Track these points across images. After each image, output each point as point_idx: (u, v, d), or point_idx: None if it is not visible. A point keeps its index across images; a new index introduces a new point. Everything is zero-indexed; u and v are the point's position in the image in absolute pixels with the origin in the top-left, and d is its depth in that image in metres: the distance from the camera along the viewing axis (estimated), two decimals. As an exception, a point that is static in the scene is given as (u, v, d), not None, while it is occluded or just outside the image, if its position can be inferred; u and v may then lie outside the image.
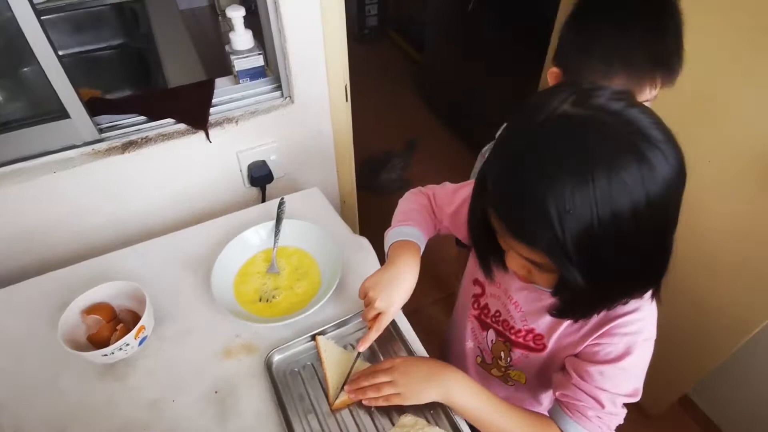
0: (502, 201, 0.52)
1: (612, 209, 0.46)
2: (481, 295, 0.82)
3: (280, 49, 1.12)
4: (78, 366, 0.84)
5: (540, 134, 0.49)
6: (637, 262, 0.52)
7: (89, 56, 1.61)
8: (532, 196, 0.48)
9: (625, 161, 0.46)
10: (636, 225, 0.48)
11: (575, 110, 0.49)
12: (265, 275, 0.96)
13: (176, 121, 1.11)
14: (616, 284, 0.54)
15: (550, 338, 0.72)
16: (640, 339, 0.65)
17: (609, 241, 0.48)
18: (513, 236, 0.52)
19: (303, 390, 0.81)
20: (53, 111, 0.99)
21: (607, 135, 0.47)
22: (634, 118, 0.48)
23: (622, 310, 0.64)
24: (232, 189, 1.26)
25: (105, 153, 1.05)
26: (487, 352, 0.84)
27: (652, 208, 0.48)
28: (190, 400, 0.80)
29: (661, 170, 0.47)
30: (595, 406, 0.65)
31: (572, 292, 0.56)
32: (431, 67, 2.87)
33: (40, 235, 1.07)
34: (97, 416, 0.78)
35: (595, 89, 0.50)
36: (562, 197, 0.46)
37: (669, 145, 0.49)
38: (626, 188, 0.46)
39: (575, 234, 0.47)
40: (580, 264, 0.49)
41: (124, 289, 0.88)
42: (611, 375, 0.65)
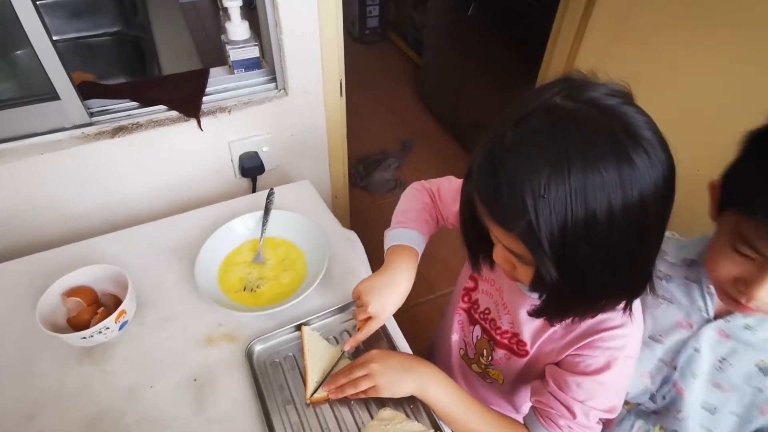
0: (483, 185, 0.52)
1: (586, 203, 0.46)
2: (473, 290, 0.82)
3: (276, 40, 1.12)
4: (56, 349, 0.83)
5: (525, 123, 0.49)
6: (610, 265, 0.51)
7: (85, 42, 1.60)
8: (510, 180, 0.48)
9: (604, 157, 0.45)
10: (610, 224, 0.47)
11: (564, 102, 0.48)
12: (251, 265, 0.96)
13: (168, 108, 1.11)
14: (587, 286, 0.53)
15: (533, 345, 0.72)
16: (621, 355, 0.64)
17: (582, 237, 0.47)
18: (492, 220, 0.52)
19: (283, 381, 0.80)
20: (43, 92, 0.98)
21: (591, 128, 0.47)
22: (625, 114, 0.47)
23: (607, 324, 0.64)
24: (223, 179, 1.26)
25: (94, 137, 1.04)
26: (471, 346, 0.83)
27: (629, 210, 0.47)
28: (169, 387, 0.79)
29: (643, 173, 0.46)
30: (567, 416, 0.65)
31: (548, 290, 0.55)
32: (430, 70, 2.88)
33: (25, 217, 1.06)
34: (71, 402, 0.77)
35: (592, 84, 0.50)
36: (537, 183, 0.46)
37: (658, 149, 0.47)
38: (602, 184, 0.45)
39: (549, 222, 0.46)
40: (553, 256, 0.48)
41: (107, 273, 0.87)
42: (588, 387, 0.64)
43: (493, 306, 0.77)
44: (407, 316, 1.96)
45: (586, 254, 0.49)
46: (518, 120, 0.50)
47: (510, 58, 2.14)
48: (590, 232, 0.47)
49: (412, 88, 3.15)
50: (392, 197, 2.44)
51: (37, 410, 0.76)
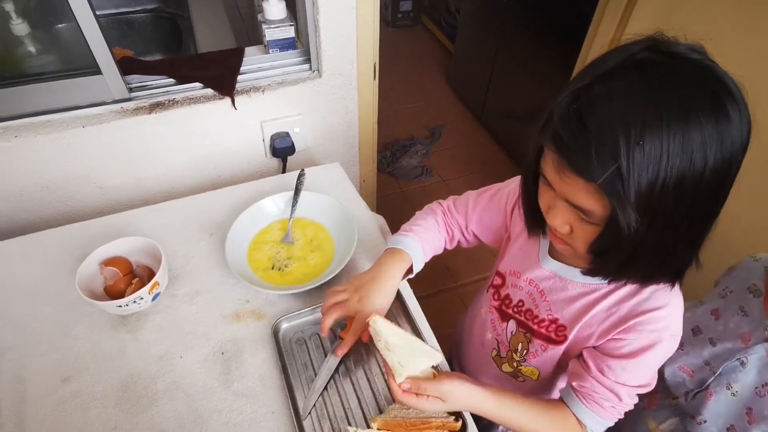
0: (566, 132, 0.49)
1: (683, 155, 0.45)
2: (502, 286, 0.81)
3: (312, 21, 1.11)
4: (92, 316, 0.86)
5: (614, 74, 0.48)
6: (690, 220, 0.50)
7: (124, 18, 1.63)
8: (601, 127, 0.46)
9: (703, 109, 0.45)
10: (701, 178, 0.46)
11: (653, 55, 0.48)
12: (279, 244, 0.97)
13: (203, 86, 1.12)
14: (663, 241, 0.52)
15: (572, 330, 0.70)
16: (666, 335, 0.63)
17: (671, 189, 0.46)
18: (573, 169, 0.49)
19: (307, 359, 0.81)
20: (86, 66, 1.01)
21: (687, 81, 0.46)
22: (714, 68, 0.47)
23: (648, 306, 0.63)
24: (254, 158, 1.27)
25: (133, 112, 1.07)
26: (504, 344, 0.82)
27: (720, 165, 0.46)
28: (198, 358, 0.82)
29: (736, 128, 0.46)
30: (613, 399, 0.65)
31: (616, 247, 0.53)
32: (462, 57, 2.84)
33: (65, 187, 1.10)
34: (105, 366, 0.80)
35: (672, 41, 0.49)
36: (634, 129, 0.45)
37: (743, 103, 0.47)
38: (701, 137, 0.45)
39: (640, 171, 0.45)
40: (636, 205, 0.47)
41: (142, 246, 0.89)
42: (632, 369, 0.64)
43: (526, 297, 0.76)
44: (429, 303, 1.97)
45: (671, 207, 0.48)
46: (605, 73, 0.49)
47: (546, 47, 2.09)
48: (681, 184, 0.46)
49: (443, 74, 3.11)
50: (418, 184, 2.43)
51: (73, 373, 0.79)
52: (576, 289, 0.69)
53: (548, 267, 0.72)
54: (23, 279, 0.92)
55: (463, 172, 2.50)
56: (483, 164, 2.55)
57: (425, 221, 0.85)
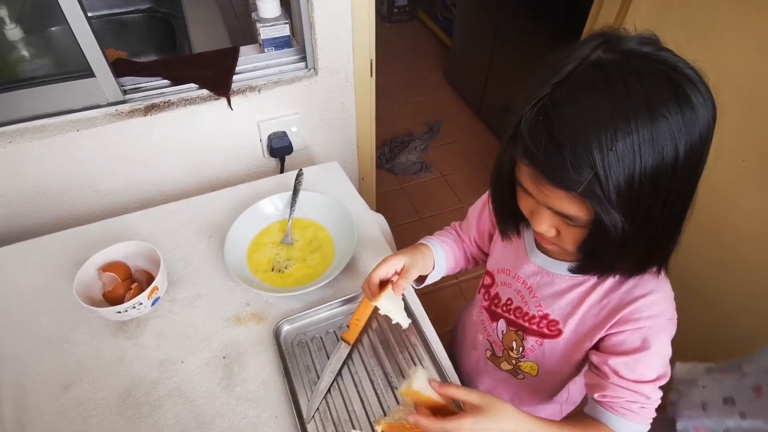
0: (538, 147, 0.49)
1: (654, 150, 0.46)
2: (491, 285, 0.80)
3: (307, 18, 1.10)
4: (91, 322, 0.85)
5: (575, 81, 0.48)
6: (670, 209, 0.51)
7: (117, 19, 1.61)
8: (573, 137, 0.46)
9: (666, 101, 0.46)
10: (675, 168, 0.47)
11: (608, 55, 0.48)
12: (279, 245, 0.96)
13: (199, 87, 1.11)
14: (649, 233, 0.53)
15: (566, 324, 0.70)
16: (663, 320, 0.63)
17: (648, 184, 0.47)
18: (550, 182, 0.50)
19: (310, 362, 0.81)
20: (79, 69, 0.99)
21: (646, 76, 0.47)
22: (667, 59, 0.48)
23: (637, 293, 0.63)
24: (252, 158, 1.26)
25: (128, 114, 1.05)
26: (498, 344, 0.82)
27: (692, 151, 0.48)
28: (199, 363, 0.81)
29: (701, 112, 0.47)
30: (641, 399, 0.63)
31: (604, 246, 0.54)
32: (459, 52, 2.82)
33: (61, 192, 1.09)
34: (106, 373, 0.79)
35: (623, 36, 0.50)
36: (604, 136, 0.45)
37: (704, 85, 0.48)
38: (669, 129, 0.46)
39: (617, 174, 0.46)
40: (619, 205, 0.48)
41: (140, 250, 0.88)
42: (645, 361, 0.62)
43: (515, 294, 0.76)
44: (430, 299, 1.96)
45: (651, 201, 0.49)
46: (564, 77, 0.49)
47: (545, 39, 2.07)
48: (657, 177, 0.47)
49: (441, 69, 3.09)
50: (417, 179, 2.42)
51: (73, 380, 0.79)
52: (564, 283, 0.69)
53: (535, 260, 0.71)
54: (22, 286, 0.91)
55: (463, 167, 2.49)
56: (482, 158, 2.53)
57: (445, 241, 0.86)
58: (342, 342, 0.81)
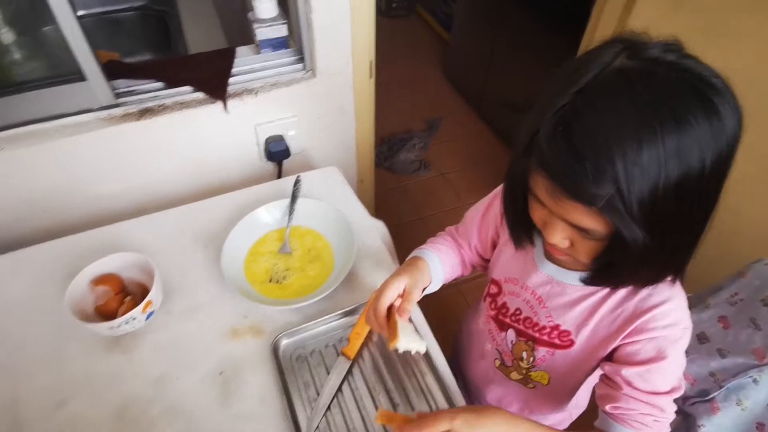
0: (557, 159, 0.47)
1: (680, 161, 0.44)
2: (498, 294, 0.78)
3: (305, 18, 1.07)
4: (85, 336, 0.83)
5: (597, 89, 0.46)
6: (693, 220, 0.50)
7: (111, 17, 1.57)
8: (595, 149, 0.44)
9: (694, 111, 0.44)
10: (700, 179, 0.46)
11: (631, 63, 0.46)
12: (277, 255, 0.94)
13: (194, 90, 1.08)
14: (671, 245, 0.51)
15: (578, 334, 0.68)
16: (679, 329, 0.61)
17: (673, 196, 0.45)
18: (569, 196, 0.48)
19: (309, 377, 0.79)
20: (70, 73, 0.96)
21: (671, 84, 0.45)
22: (692, 68, 0.46)
23: (652, 302, 0.61)
24: (249, 163, 1.23)
25: (121, 119, 1.02)
26: (507, 353, 0.80)
27: (719, 161, 0.46)
28: (195, 380, 0.79)
29: (728, 122, 0.45)
30: (655, 412, 0.61)
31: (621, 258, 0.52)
32: (458, 47, 2.78)
33: (53, 199, 1.06)
34: (100, 390, 0.77)
35: (646, 42, 0.48)
36: (629, 148, 0.43)
37: (730, 94, 0.46)
38: (697, 140, 0.44)
39: (641, 185, 0.44)
40: (642, 219, 0.46)
41: (134, 261, 0.86)
42: (660, 371, 0.60)
43: (523, 304, 0.74)
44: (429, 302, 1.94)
45: (674, 213, 0.47)
46: (584, 86, 0.47)
47: (546, 35, 2.04)
48: (681, 189, 0.45)
49: (440, 65, 3.05)
50: (416, 178, 2.39)
51: (66, 397, 0.76)
52: (575, 293, 0.67)
53: (545, 270, 0.69)
54: (12, 298, 0.89)
55: (462, 165, 2.46)
56: (482, 157, 2.51)
57: (440, 248, 0.83)
58: (342, 357, 0.79)
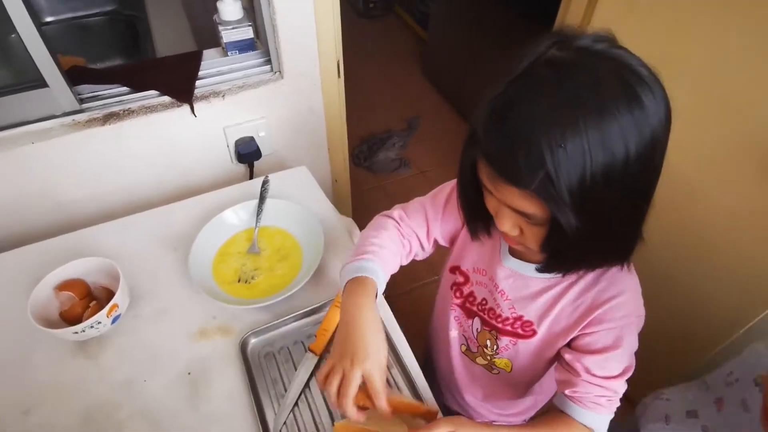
0: (493, 145, 0.50)
1: (604, 148, 0.46)
2: (465, 284, 0.80)
3: (269, 20, 1.07)
4: (50, 343, 0.82)
5: (528, 78, 0.49)
6: (626, 206, 0.52)
7: (79, 23, 1.56)
8: (524, 136, 0.47)
9: (616, 100, 0.46)
10: (626, 166, 0.47)
11: (561, 54, 0.49)
12: (246, 255, 0.94)
13: (160, 94, 1.08)
14: (607, 230, 0.53)
15: (540, 324, 0.71)
16: (633, 318, 0.65)
17: (600, 182, 0.47)
18: (505, 180, 0.50)
19: (277, 374, 0.79)
20: (32, 79, 0.96)
21: (597, 74, 0.47)
22: (619, 56, 0.48)
23: (608, 294, 0.64)
24: (219, 165, 1.23)
25: (85, 124, 1.02)
26: (473, 340, 0.82)
27: (643, 149, 0.48)
28: (163, 381, 0.79)
29: (651, 111, 0.47)
30: (608, 394, 0.65)
31: (564, 244, 0.54)
32: (436, 45, 2.80)
33: (17, 207, 1.05)
34: (66, 396, 0.77)
35: (577, 34, 0.50)
36: (554, 134, 0.45)
37: (657, 84, 0.48)
38: (618, 128, 0.46)
39: (568, 172, 0.46)
40: (572, 205, 0.48)
41: (99, 266, 0.86)
42: (614, 359, 0.64)
43: (488, 295, 0.76)
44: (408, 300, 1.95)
45: (605, 199, 0.49)
46: (517, 76, 0.49)
47: (520, 32, 2.06)
48: (608, 176, 0.47)
49: (418, 64, 3.07)
50: (396, 177, 2.40)
51: (32, 404, 0.76)
52: (537, 285, 0.69)
53: (508, 264, 0.71)
54: (-23, 307, 0.88)
55: (442, 163, 2.48)
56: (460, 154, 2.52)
57: (379, 239, 0.75)
58: (309, 353, 0.80)
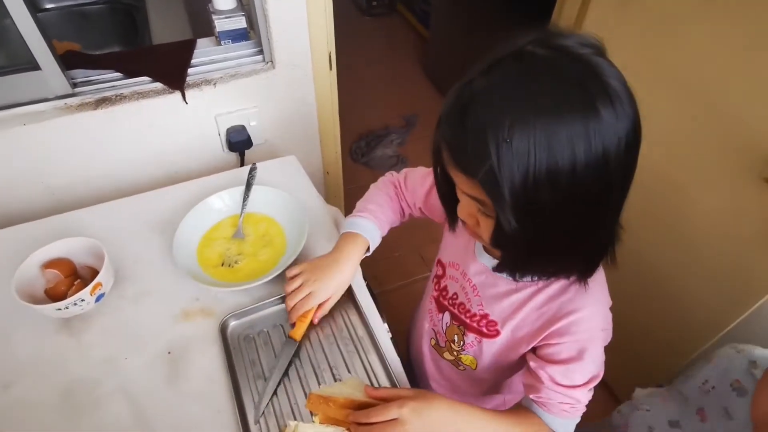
0: (449, 131, 0.51)
1: (549, 151, 0.45)
2: (442, 277, 0.81)
3: (261, 10, 1.09)
4: (35, 320, 0.84)
5: (496, 70, 0.48)
6: (571, 218, 0.50)
7: (79, 10, 1.58)
8: (475, 125, 0.47)
9: (571, 106, 0.45)
10: (572, 175, 0.46)
11: (536, 49, 0.48)
12: (230, 240, 0.95)
13: (152, 80, 1.09)
14: (547, 238, 0.53)
15: (504, 325, 0.71)
16: (597, 332, 0.65)
17: (544, 186, 0.47)
18: (456, 167, 0.51)
19: (255, 356, 0.80)
20: (24, 62, 0.97)
21: (561, 76, 0.46)
22: (596, 65, 0.46)
23: (569, 307, 0.64)
24: (210, 153, 1.25)
25: (77, 108, 1.03)
26: (441, 334, 0.83)
27: (592, 161, 0.46)
28: (143, 360, 0.80)
29: (609, 125, 0.46)
30: (572, 401, 0.65)
31: (509, 242, 0.55)
32: (436, 44, 2.81)
33: (8, 188, 1.07)
34: (47, 371, 0.78)
35: (565, 33, 0.49)
36: (502, 127, 0.45)
37: (626, 102, 0.47)
38: (567, 134, 0.45)
39: (511, 168, 0.46)
40: (513, 203, 0.48)
41: (85, 246, 0.87)
42: (578, 369, 0.65)
43: (460, 290, 0.77)
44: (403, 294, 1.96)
45: (547, 204, 0.48)
46: (487, 67, 0.49)
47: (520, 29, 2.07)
48: (552, 181, 0.46)
49: (419, 62, 3.08)
50: (393, 174, 2.41)
51: (13, 379, 0.77)
52: (505, 286, 0.70)
53: (482, 260, 0.72)
54: (-37, 284, 0.89)
55: (438, 161, 2.48)
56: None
57: (379, 197, 0.87)
58: (289, 339, 0.81)
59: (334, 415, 0.68)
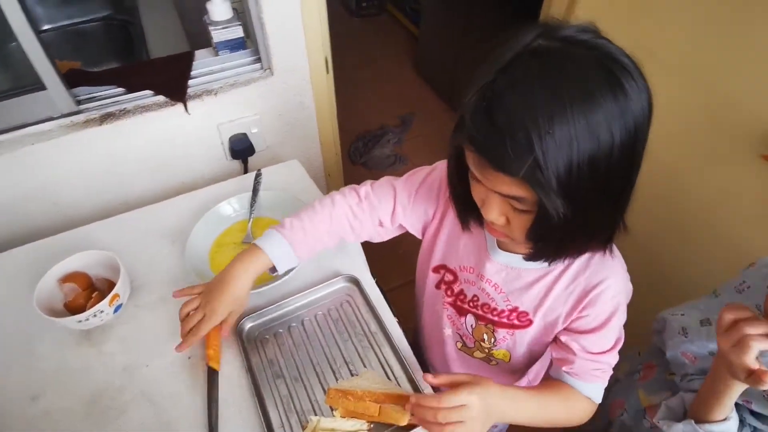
0: (480, 132, 0.51)
1: (590, 135, 0.47)
2: (454, 282, 0.81)
3: (257, 18, 1.11)
4: (55, 333, 0.86)
5: (516, 68, 0.50)
6: (609, 193, 0.53)
7: (75, 29, 1.60)
8: (511, 122, 0.48)
9: (600, 87, 0.47)
10: (611, 153, 0.49)
11: (546, 43, 0.50)
12: (241, 245, 0.98)
13: (154, 93, 1.11)
14: (592, 216, 0.55)
15: (535, 314, 0.73)
16: (621, 298, 0.69)
17: (587, 168, 0.49)
18: (493, 167, 0.51)
19: (273, 356, 0.83)
20: (30, 83, 0.99)
21: (580, 62, 0.48)
22: (602, 45, 0.50)
23: (596, 279, 0.67)
24: (214, 162, 1.27)
25: (83, 125, 1.06)
26: (468, 336, 0.83)
27: (627, 136, 0.49)
28: (164, 365, 0.82)
29: (634, 99, 0.49)
30: (602, 366, 0.70)
31: (550, 231, 0.55)
32: (428, 42, 2.83)
33: (19, 208, 1.09)
34: (72, 382, 0.81)
35: (563, 25, 0.51)
36: (541, 120, 0.46)
37: (638, 72, 0.50)
38: (603, 114, 0.47)
39: (555, 158, 0.47)
40: (559, 190, 0.49)
41: (100, 259, 0.89)
42: (606, 336, 0.69)
43: (480, 292, 0.77)
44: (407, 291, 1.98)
45: (589, 185, 0.50)
46: (505, 66, 0.50)
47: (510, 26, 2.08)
48: (593, 163, 0.49)
49: (411, 61, 3.10)
50: (392, 172, 2.42)
51: (40, 391, 0.80)
52: (530, 276, 0.71)
53: (498, 259, 0.73)
54: (-16, 303, 0.91)
55: (437, 158, 2.49)
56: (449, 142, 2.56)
57: (315, 214, 0.81)
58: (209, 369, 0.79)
59: (353, 408, 0.71)
